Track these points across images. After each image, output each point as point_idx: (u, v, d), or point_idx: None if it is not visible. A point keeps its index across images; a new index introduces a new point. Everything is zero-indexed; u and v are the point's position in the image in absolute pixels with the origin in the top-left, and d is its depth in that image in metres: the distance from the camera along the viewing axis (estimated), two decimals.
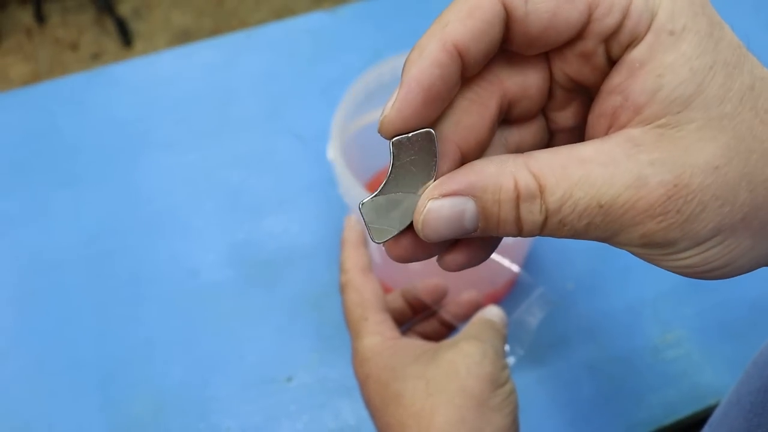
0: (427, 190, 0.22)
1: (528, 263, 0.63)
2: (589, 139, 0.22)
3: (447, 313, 0.42)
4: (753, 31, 0.84)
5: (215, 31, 2.01)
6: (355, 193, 0.49)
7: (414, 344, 0.36)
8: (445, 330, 0.43)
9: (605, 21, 0.20)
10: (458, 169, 0.22)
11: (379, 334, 0.36)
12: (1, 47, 1.96)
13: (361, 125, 0.59)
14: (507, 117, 0.24)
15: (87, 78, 0.79)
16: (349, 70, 0.79)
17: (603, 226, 0.20)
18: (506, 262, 0.49)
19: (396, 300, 0.43)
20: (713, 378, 0.57)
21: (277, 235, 0.66)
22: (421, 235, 0.22)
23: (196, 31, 2.01)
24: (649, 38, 0.19)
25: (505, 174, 0.20)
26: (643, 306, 0.61)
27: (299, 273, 0.64)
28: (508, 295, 0.62)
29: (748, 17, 0.85)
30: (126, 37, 1.94)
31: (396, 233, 0.24)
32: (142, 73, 0.80)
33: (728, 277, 0.23)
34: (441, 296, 0.42)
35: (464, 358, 0.32)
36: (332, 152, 0.51)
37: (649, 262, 0.23)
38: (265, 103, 0.77)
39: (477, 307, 0.41)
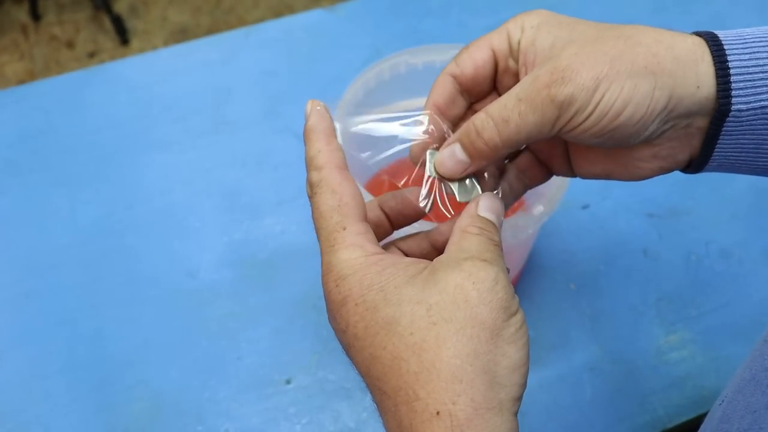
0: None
1: (529, 264, 0.63)
2: None
3: (440, 234, 0.35)
4: (755, 26, 0.84)
5: (213, 29, 2.00)
6: None
7: (403, 261, 0.30)
8: (436, 253, 0.35)
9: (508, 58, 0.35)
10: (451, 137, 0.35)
11: (359, 247, 0.30)
12: None
13: (360, 124, 0.58)
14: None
15: (83, 76, 0.78)
16: (348, 69, 0.78)
17: (530, 112, 0.30)
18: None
19: (371, 210, 0.35)
20: (717, 380, 0.57)
21: (276, 236, 0.65)
22: (445, 173, 0.34)
23: (193, 28, 2.00)
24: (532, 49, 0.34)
25: (469, 124, 0.33)
26: (646, 307, 0.61)
27: (298, 274, 0.63)
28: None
29: (752, 16, 0.85)
30: (123, 35, 1.93)
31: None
32: (139, 71, 0.79)
33: (638, 119, 0.30)
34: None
35: (475, 284, 0.27)
36: None
37: (577, 134, 0.31)
38: (263, 102, 0.76)
39: None
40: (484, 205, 0.32)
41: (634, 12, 0.85)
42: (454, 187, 0.35)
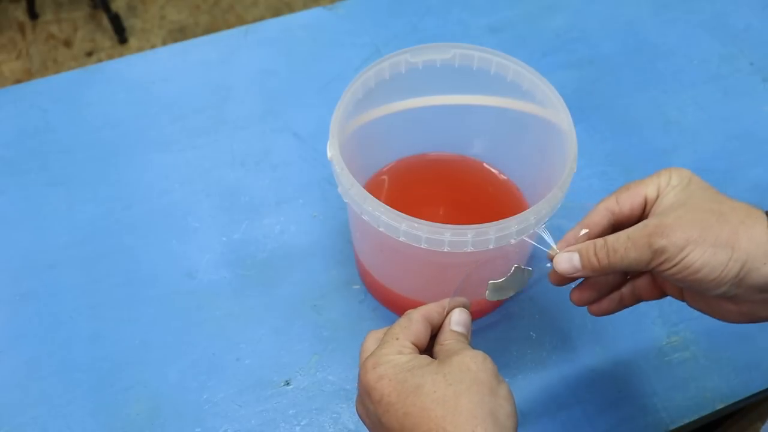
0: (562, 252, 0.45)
1: (529, 263, 0.62)
2: None
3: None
4: (758, 26, 0.83)
5: (211, 27, 2.00)
6: (354, 192, 0.48)
7: (424, 357, 0.40)
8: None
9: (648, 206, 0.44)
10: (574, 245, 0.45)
11: (398, 352, 0.40)
12: None
13: (360, 123, 0.58)
14: None
15: (81, 75, 0.78)
16: (348, 67, 0.78)
17: (633, 249, 0.41)
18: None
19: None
20: (720, 382, 0.56)
21: (275, 236, 0.65)
22: (558, 269, 0.44)
23: (192, 27, 2.00)
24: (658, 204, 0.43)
25: (590, 243, 0.43)
26: (648, 307, 0.60)
27: (297, 274, 0.63)
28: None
29: (755, 15, 0.84)
30: (121, 33, 1.93)
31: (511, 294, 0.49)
32: (137, 70, 0.79)
33: (712, 279, 0.39)
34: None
35: (471, 360, 0.38)
36: (331, 151, 0.50)
37: (665, 276, 0.41)
38: (262, 101, 0.76)
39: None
40: (455, 320, 0.43)
41: (636, 11, 0.85)
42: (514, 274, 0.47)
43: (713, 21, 0.84)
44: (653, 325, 0.59)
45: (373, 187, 0.64)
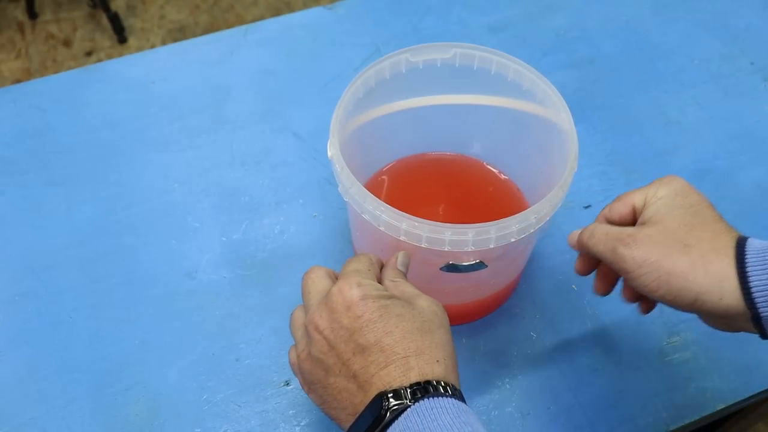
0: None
1: (531, 265, 0.62)
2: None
3: None
4: (759, 26, 0.83)
5: (211, 27, 2.00)
6: (355, 191, 0.48)
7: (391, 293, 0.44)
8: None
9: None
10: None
11: (375, 282, 0.44)
12: None
13: (360, 123, 0.58)
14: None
15: (80, 75, 0.78)
16: (348, 67, 0.78)
17: (602, 243, 0.45)
18: None
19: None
20: (720, 382, 0.56)
21: (275, 236, 0.65)
22: (568, 240, 0.51)
23: (191, 27, 2.00)
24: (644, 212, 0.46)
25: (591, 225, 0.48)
26: None
27: (297, 274, 0.62)
28: (510, 297, 0.61)
29: (755, 14, 0.84)
30: (120, 33, 1.92)
31: None
32: (136, 70, 0.79)
33: (669, 300, 0.42)
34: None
35: (436, 305, 0.44)
36: (332, 150, 0.50)
37: (634, 286, 0.44)
38: (262, 101, 0.75)
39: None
40: (401, 261, 0.48)
41: (637, 10, 0.85)
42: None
43: (714, 21, 0.84)
44: (653, 325, 0.59)
45: (373, 187, 0.64)
